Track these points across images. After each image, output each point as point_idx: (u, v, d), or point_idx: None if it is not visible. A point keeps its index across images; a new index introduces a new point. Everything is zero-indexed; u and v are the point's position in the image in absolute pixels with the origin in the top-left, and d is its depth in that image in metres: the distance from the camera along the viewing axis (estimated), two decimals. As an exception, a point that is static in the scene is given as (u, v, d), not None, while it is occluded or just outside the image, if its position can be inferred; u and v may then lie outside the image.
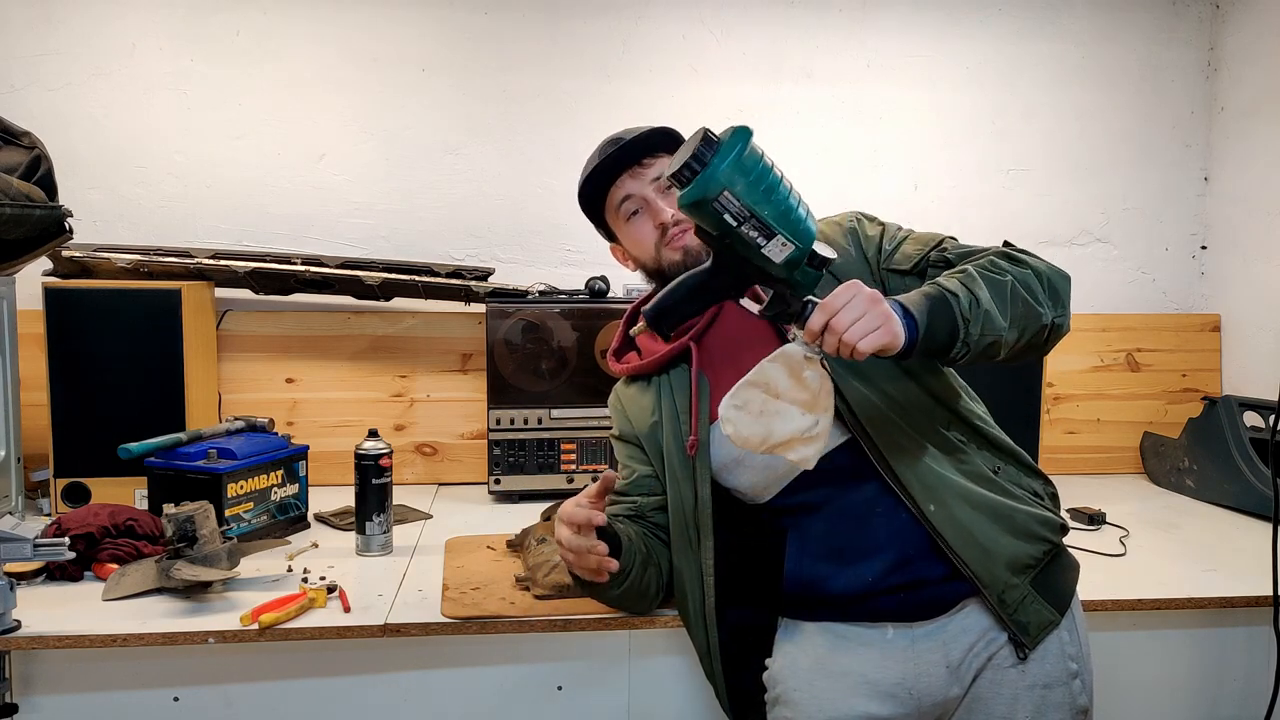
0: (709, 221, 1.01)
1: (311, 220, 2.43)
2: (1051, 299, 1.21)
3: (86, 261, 2.12)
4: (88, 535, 1.61)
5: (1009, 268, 1.20)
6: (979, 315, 1.12)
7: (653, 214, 1.35)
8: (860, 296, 1.06)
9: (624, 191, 1.37)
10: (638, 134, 1.35)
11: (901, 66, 2.57)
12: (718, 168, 0.98)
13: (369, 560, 1.75)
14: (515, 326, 2.18)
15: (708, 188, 0.98)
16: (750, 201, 0.99)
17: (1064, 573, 1.33)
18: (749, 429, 1.11)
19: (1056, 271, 1.25)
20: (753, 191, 0.99)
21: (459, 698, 1.52)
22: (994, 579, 1.23)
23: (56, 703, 1.46)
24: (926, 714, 1.28)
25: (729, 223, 0.99)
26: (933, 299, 1.12)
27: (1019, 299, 1.17)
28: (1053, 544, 1.30)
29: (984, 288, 1.15)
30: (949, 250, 1.28)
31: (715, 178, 0.98)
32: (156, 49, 2.36)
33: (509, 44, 2.46)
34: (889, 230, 1.35)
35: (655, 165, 1.36)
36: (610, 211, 1.41)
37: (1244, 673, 1.69)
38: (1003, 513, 1.26)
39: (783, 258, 1.01)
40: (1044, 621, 1.25)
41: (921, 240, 1.32)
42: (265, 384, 2.35)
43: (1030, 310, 1.18)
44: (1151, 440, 2.50)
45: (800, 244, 1.01)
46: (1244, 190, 2.56)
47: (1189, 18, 2.65)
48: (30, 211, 1.83)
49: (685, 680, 1.56)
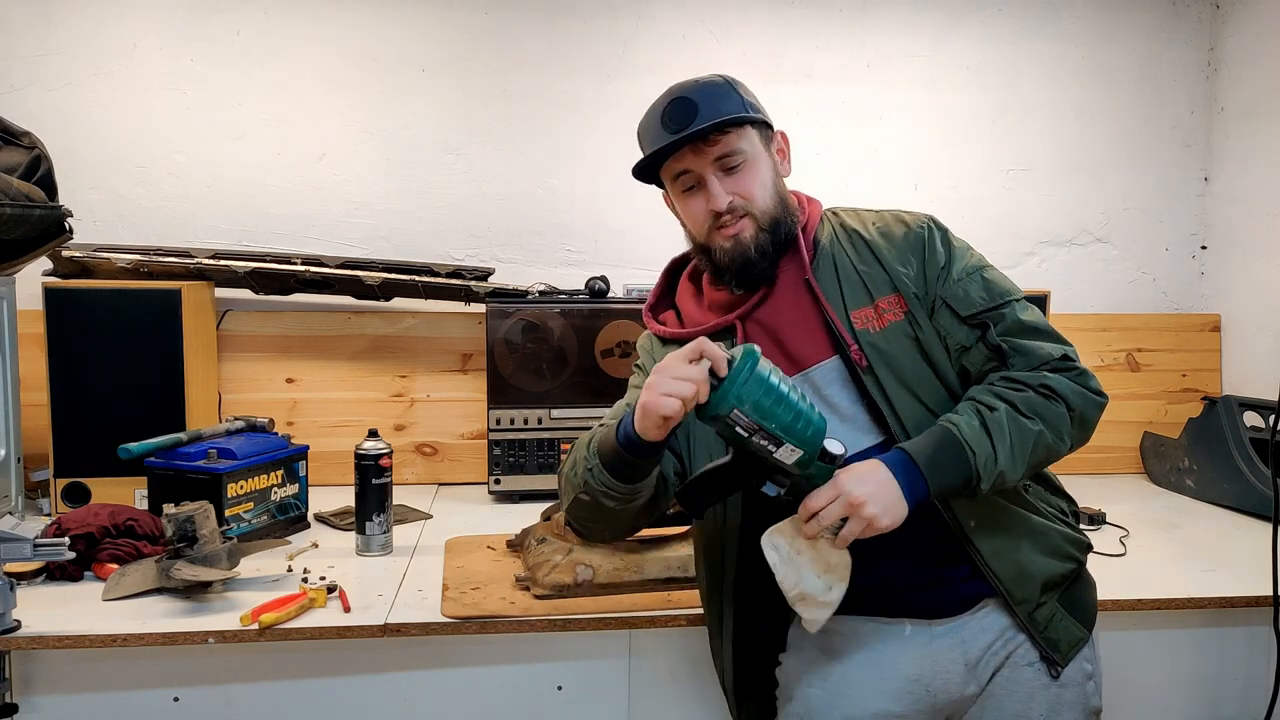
0: (724, 431, 1.10)
1: (311, 220, 2.43)
2: (1078, 432, 1.21)
3: (86, 261, 2.12)
4: (88, 535, 1.61)
5: (1043, 407, 1.18)
6: (992, 473, 1.15)
7: (709, 198, 1.27)
8: (840, 501, 1.10)
9: (683, 165, 1.27)
10: (710, 123, 1.23)
11: (901, 66, 2.57)
12: (728, 391, 1.07)
13: (369, 560, 1.75)
14: (515, 326, 2.18)
15: (719, 407, 1.08)
16: (758, 418, 1.07)
17: (1087, 589, 1.34)
18: (783, 570, 1.16)
19: (1092, 402, 1.22)
20: (759, 409, 1.07)
21: (459, 698, 1.52)
22: (1027, 596, 1.24)
23: (56, 703, 1.46)
24: (941, 711, 1.28)
25: (741, 434, 1.08)
26: (949, 451, 1.14)
27: (1041, 447, 1.18)
28: (1080, 562, 1.31)
29: (1007, 440, 1.15)
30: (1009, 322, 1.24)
31: (726, 399, 1.07)
32: (156, 49, 2.36)
33: (509, 44, 2.46)
34: (958, 255, 1.29)
35: (722, 142, 1.25)
36: (666, 174, 1.31)
37: (1244, 673, 1.69)
38: (1037, 530, 1.27)
39: (792, 460, 1.10)
40: (1074, 639, 1.27)
41: (989, 289, 1.26)
42: (265, 384, 2.35)
43: (1050, 454, 1.20)
44: (1151, 440, 2.50)
45: (806, 450, 1.10)
46: (1244, 190, 2.55)
47: (1189, 18, 2.65)
48: (30, 211, 1.83)
49: (685, 680, 1.56)
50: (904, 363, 1.24)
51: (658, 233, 2.48)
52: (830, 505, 1.11)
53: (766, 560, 1.17)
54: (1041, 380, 1.20)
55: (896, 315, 1.25)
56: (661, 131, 1.26)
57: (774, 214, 1.28)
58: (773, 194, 1.29)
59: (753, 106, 1.29)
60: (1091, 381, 1.23)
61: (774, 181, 1.30)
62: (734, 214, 1.26)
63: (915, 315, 1.25)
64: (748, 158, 1.27)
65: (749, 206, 1.26)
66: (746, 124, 1.27)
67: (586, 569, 1.55)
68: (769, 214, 1.27)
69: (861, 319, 1.25)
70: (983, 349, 1.24)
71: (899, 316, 1.25)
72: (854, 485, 1.11)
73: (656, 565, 1.57)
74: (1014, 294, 1.27)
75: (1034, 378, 1.21)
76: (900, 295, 1.26)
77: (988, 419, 1.16)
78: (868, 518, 1.10)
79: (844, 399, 1.26)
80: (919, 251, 1.28)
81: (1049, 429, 1.18)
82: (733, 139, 1.25)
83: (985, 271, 1.28)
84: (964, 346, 1.25)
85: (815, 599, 1.16)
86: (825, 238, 1.32)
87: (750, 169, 1.27)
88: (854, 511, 1.10)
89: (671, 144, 1.24)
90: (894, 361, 1.23)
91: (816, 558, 1.15)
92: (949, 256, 1.28)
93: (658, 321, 1.41)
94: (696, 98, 1.25)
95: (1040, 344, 1.24)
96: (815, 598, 1.16)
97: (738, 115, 1.25)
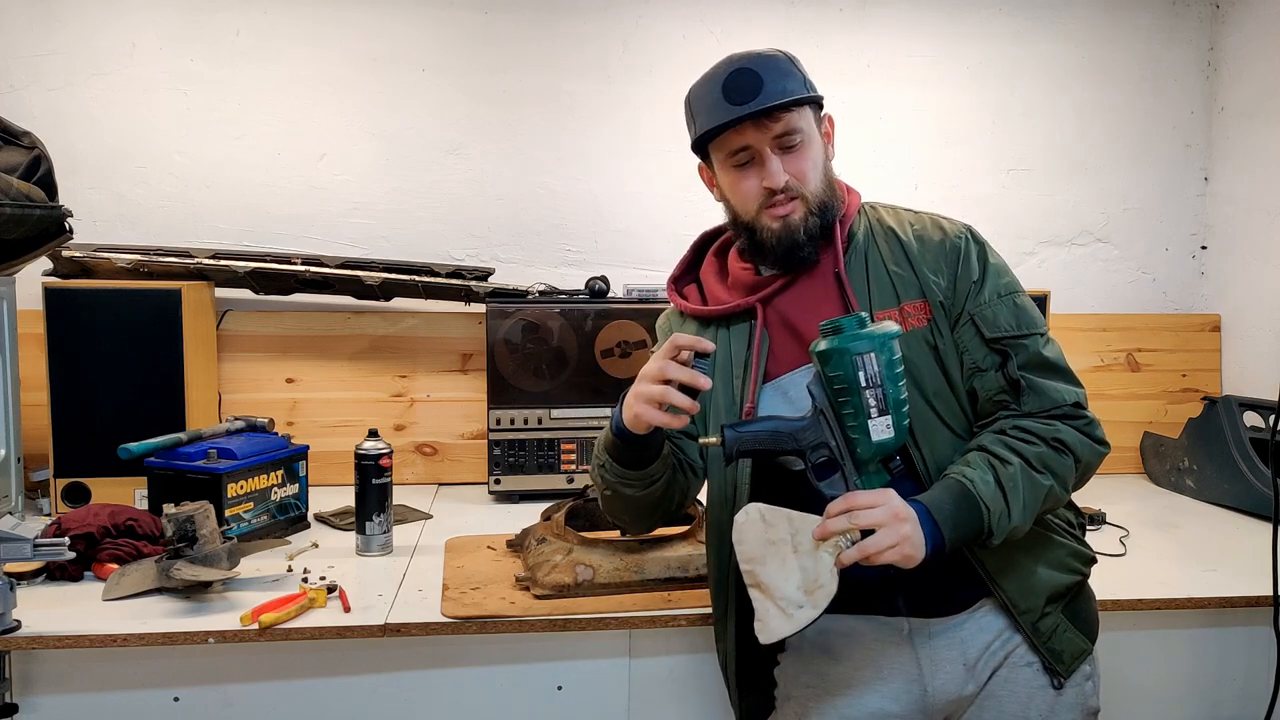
0: (841, 368, 1.08)
1: (311, 220, 2.43)
2: (1080, 480, 1.24)
3: (86, 261, 2.12)
4: (88, 535, 1.61)
5: (1055, 462, 1.19)
6: (1004, 529, 1.15)
7: (766, 175, 1.23)
8: (889, 510, 1.09)
9: (743, 140, 1.23)
10: (779, 103, 1.20)
11: (901, 66, 2.57)
12: (875, 332, 1.07)
13: (369, 560, 1.75)
14: (515, 326, 2.18)
15: (858, 341, 1.07)
16: (886, 374, 1.07)
17: (1089, 601, 1.34)
18: (751, 539, 1.13)
19: (1097, 453, 1.24)
20: (891, 369, 1.08)
21: (459, 698, 1.52)
22: (1031, 607, 1.24)
23: (56, 703, 1.46)
24: (939, 711, 1.28)
25: (859, 380, 1.06)
26: (965, 509, 1.14)
27: (1050, 500, 1.20)
28: (1084, 575, 1.31)
29: (1020, 496, 1.16)
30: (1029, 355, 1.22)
31: (870, 336, 1.07)
32: (156, 49, 2.36)
33: (509, 44, 2.46)
34: (992, 274, 1.26)
35: (784, 120, 1.22)
36: (719, 146, 1.26)
37: (1244, 673, 1.69)
38: (1044, 543, 1.27)
39: (878, 439, 1.09)
40: (1078, 651, 1.27)
41: (1017, 317, 1.24)
42: (265, 384, 2.35)
43: (1055, 504, 1.22)
44: (1151, 440, 2.50)
45: (898, 435, 1.09)
46: (1244, 190, 2.55)
47: (1189, 18, 2.65)
48: (30, 211, 1.83)
49: (685, 680, 1.56)
50: (922, 370, 1.22)
51: (658, 233, 2.50)
52: (874, 510, 1.09)
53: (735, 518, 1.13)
54: (1055, 434, 1.20)
55: (920, 322, 1.24)
56: (722, 101, 1.21)
57: (824, 198, 1.27)
58: (823, 177, 1.27)
59: (813, 85, 1.26)
60: (1097, 431, 1.24)
61: (824, 165, 1.29)
62: (787, 194, 1.24)
63: (938, 325, 1.24)
64: (805, 138, 1.25)
65: (801, 188, 1.24)
66: (806, 103, 1.25)
67: (586, 569, 1.54)
68: (819, 197, 1.26)
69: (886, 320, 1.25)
70: (999, 378, 1.23)
71: (922, 323, 1.24)
72: (901, 507, 1.10)
73: (656, 565, 1.57)
74: (1040, 326, 1.26)
75: (1048, 431, 1.20)
76: (927, 302, 1.25)
77: (1002, 476, 1.16)
78: (903, 539, 1.08)
79: None
80: (953, 262, 1.26)
81: (1058, 483, 1.19)
82: (794, 117, 1.23)
83: (1018, 297, 1.26)
84: (980, 368, 1.24)
85: (776, 599, 1.11)
86: (861, 232, 1.30)
87: (806, 149, 1.25)
88: (896, 529, 1.08)
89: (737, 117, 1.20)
90: (912, 367, 1.20)
91: (809, 570, 1.11)
92: (984, 273, 1.26)
93: (680, 295, 1.40)
94: (761, 70, 1.21)
95: (1056, 385, 1.22)
96: (777, 598, 1.11)
97: (804, 95, 1.23)
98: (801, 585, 1.11)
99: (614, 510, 1.34)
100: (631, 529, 1.45)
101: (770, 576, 1.12)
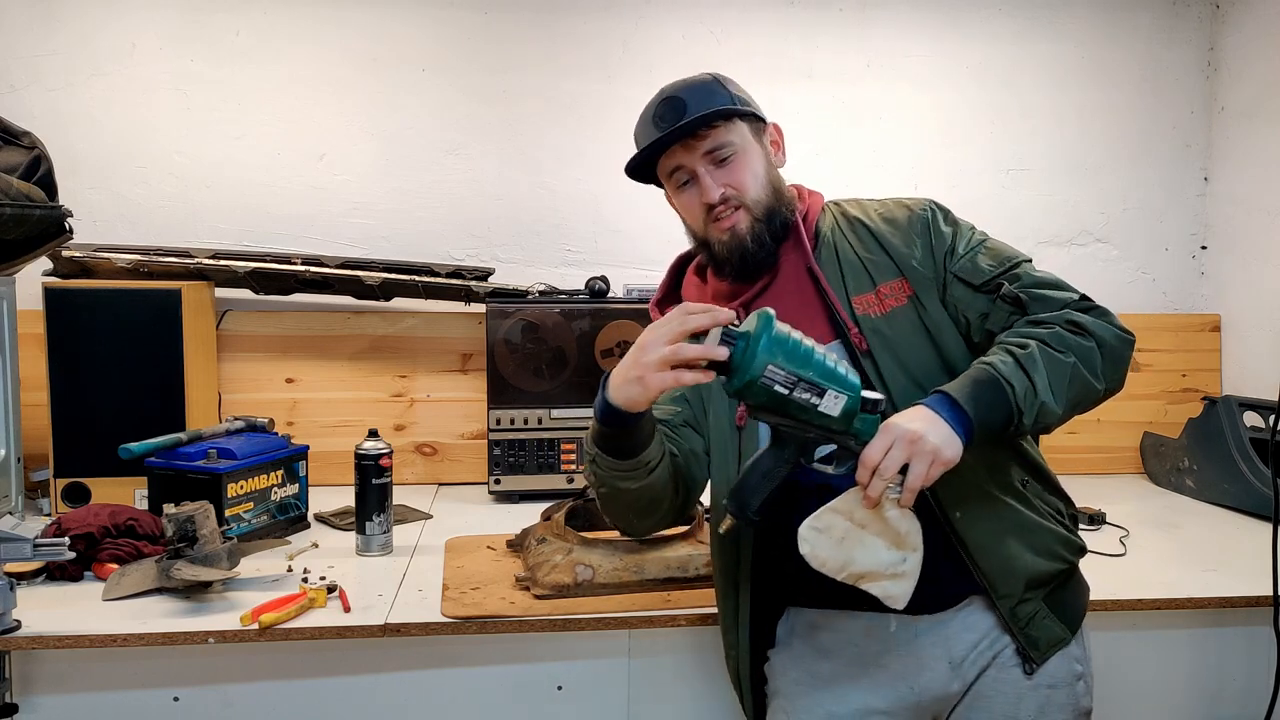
0: (761, 397, 1.06)
1: (311, 220, 2.43)
2: (1111, 370, 1.20)
3: (86, 261, 2.12)
4: (88, 535, 1.61)
5: (1074, 342, 1.17)
6: (1033, 405, 1.12)
7: (701, 192, 1.28)
8: (899, 442, 1.06)
9: (675, 162, 1.29)
10: (697, 116, 1.25)
11: (901, 66, 2.57)
12: (755, 350, 1.04)
13: (369, 560, 1.75)
14: (515, 326, 2.18)
15: (750, 370, 1.04)
16: (795, 367, 1.05)
17: (1077, 592, 1.33)
18: (827, 553, 1.11)
19: (1121, 339, 1.21)
20: (793, 358, 1.05)
21: (459, 698, 1.52)
22: (1010, 591, 1.23)
23: (56, 703, 1.46)
24: (925, 709, 1.28)
25: (781, 393, 1.05)
26: (987, 387, 1.12)
27: (1078, 380, 1.16)
28: (1070, 564, 1.30)
29: (1043, 372, 1.14)
30: (1023, 279, 1.24)
31: (756, 358, 1.04)
32: (156, 49, 2.36)
33: (509, 44, 2.46)
34: (963, 231, 1.30)
35: (710, 136, 1.27)
36: (662, 173, 1.34)
37: (1244, 673, 1.69)
38: (1027, 526, 1.26)
39: (839, 409, 1.06)
40: (1054, 639, 1.26)
41: (996, 256, 1.27)
42: (265, 384, 2.35)
43: (1087, 389, 1.18)
44: (1151, 440, 2.50)
45: (850, 393, 1.06)
46: (1244, 190, 2.55)
47: (1189, 18, 2.65)
48: (30, 211, 1.83)
49: (685, 680, 1.56)
50: (905, 347, 1.24)
51: (658, 233, 2.50)
52: (890, 451, 1.06)
53: (800, 550, 1.11)
54: (1067, 317, 1.19)
55: (899, 300, 1.26)
56: (653, 130, 1.28)
57: (767, 203, 1.29)
58: (765, 184, 1.30)
59: (741, 100, 1.30)
60: (1116, 321, 1.22)
61: (766, 171, 1.31)
62: (727, 204, 1.27)
63: (922, 299, 1.26)
64: (737, 150, 1.28)
65: (741, 198, 1.27)
66: (735, 116, 1.28)
67: (586, 569, 1.55)
68: (762, 203, 1.28)
69: (863, 304, 1.26)
70: (1003, 306, 1.23)
71: (902, 301, 1.26)
72: (907, 422, 1.08)
73: (656, 565, 1.57)
74: (1020, 256, 1.28)
75: (1059, 316, 1.20)
76: (905, 280, 1.27)
77: (1020, 355, 1.14)
78: (930, 451, 1.06)
79: None
80: (924, 233, 1.29)
81: (1082, 363, 1.16)
82: (721, 132, 1.27)
83: (987, 243, 1.29)
84: (984, 313, 1.25)
85: (883, 574, 1.11)
86: (827, 226, 1.33)
87: (740, 160, 1.28)
88: (914, 449, 1.06)
89: (662, 141, 1.26)
90: (895, 345, 1.23)
91: (885, 529, 1.11)
92: (954, 235, 1.29)
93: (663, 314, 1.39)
94: (685, 95, 1.28)
95: (1057, 292, 1.24)
96: (884, 572, 1.11)
97: (723, 108, 1.26)
98: (890, 546, 1.11)
99: (614, 510, 1.30)
100: (636, 529, 1.40)
101: (864, 563, 1.11)
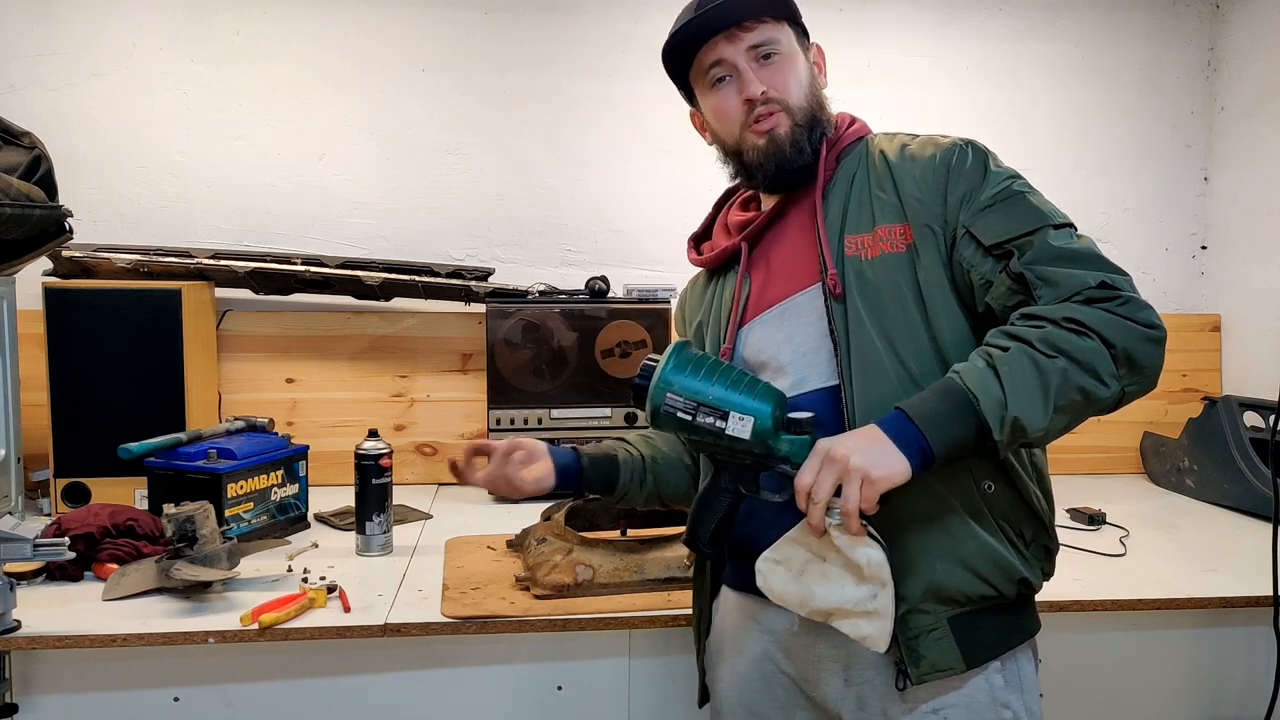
0: (671, 425, 1.10)
1: (311, 220, 2.43)
2: (1127, 374, 1.02)
3: (86, 261, 2.12)
4: (88, 535, 1.61)
5: (1070, 343, 1.00)
6: (1003, 420, 0.98)
7: (741, 86, 1.18)
8: (826, 464, 0.99)
9: (715, 55, 1.19)
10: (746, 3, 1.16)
11: (901, 66, 2.57)
12: (659, 377, 1.09)
13: (369, 560, 1.75)
14: (515, 326, 2.18)
15: (655, 400, 1.09)
16: (690, 394, 1.08)
17: (1001, 629, 1.13)
18: (783, 586, 1.07)
19: (1139, 334, 1.02)
20: (687, 387, 1.08)
21: (459, 698, 1.52)
22: (906, 594, 1.07)
23: (56, 703, 1.46)
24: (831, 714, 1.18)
25: (685, 419, 1.08)
26: (948, 400, 1.00)
27: (1070, 388, 1.00)
28: (1000, 594, 1.10)
29: (1020, 381, 0.99)
30: (1038, 251, 1.07)
31: (656, 389, 1.09)
32: (156, 49, 2.36)
33: (509, 44, 2.46)
34: (994, 178, 1.13)
35: (757, 29, 1.18)
36: (697, 74, 1.23)
37: (1244, 673, 1.69)
38: (961, 536, 1.09)
39: (748, 432, 1.06)
40: (941, 665, 1.08)
41: (1024, 214, 1.09)
42: (265, 384, 2.35)
43: (1089, 399, 1.01)
44: (1151, 440, 2.50)
45: (757, 415, 1.06)
46: (1244, 190, 2.55)
47: (1189, 18, 2.65)
48: (30, 211, 1.83)
49: (685, 680, 1.56)
50: (886, 298, 1.11)
51: (658, 233, 2.50)
52: (819, 477, 0.98)
53: (757, 584, 1.08)
54: (1066, 313, 1.02)
55: (896, 246, 1.13)
56: (691, 14, 1.19)
57: (811, 111, 1.21)
58: (809, 93, 1.21)
59: (795, 9, 1.23)
60: (1140, 313, 1.03)
61: (810, 83, 1.23)
62: (768, 105, 1.18)
63: (920, 249, 1.12)
64: (784, 52, 1.20)
65: (784, 99, 1.19)
66: (784, 19, 1.21)
67: (586, 569, 1.55)
68: (805, 110, 1.20)
69: (855, 244, 1.15)
70: (1005, 280, 1.07)
71: (898, 248, 1.13)
72: (833, 442, 1.00)
73: (656, 565, 1.57)
74: (1053, 218, 1.09)
75: (1057, 311, 1.02)
76: (908, 225, 1.13)
77: (995, 360, 1.00)
78: (857, 470, 0.96)
79: (811, 333, 1.16)
80: (943, 175, 1.14)
81: (1079, 367, 1.00)
82: (769, 28, 1.19)
83: (1020, 197, 1.11)
84: (988, 281, 1.09)
85: (853, 611, 1.03)
86: (853, 157, 1.22)
87: (786, 64, 1.20)
88: (838, 468, 0.97)
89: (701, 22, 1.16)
90: (874, 295, 1.12)
91: (847, 561, 1.02)
92: (982, 179, 1.13)
93: (697, 250, 1.38)
94: None
95: (1073, 271, 1.05)
96: (853, 609, 1.03)
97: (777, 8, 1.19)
98: (855, 579, 1.03)
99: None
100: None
101: (828, 598, 1.04)
